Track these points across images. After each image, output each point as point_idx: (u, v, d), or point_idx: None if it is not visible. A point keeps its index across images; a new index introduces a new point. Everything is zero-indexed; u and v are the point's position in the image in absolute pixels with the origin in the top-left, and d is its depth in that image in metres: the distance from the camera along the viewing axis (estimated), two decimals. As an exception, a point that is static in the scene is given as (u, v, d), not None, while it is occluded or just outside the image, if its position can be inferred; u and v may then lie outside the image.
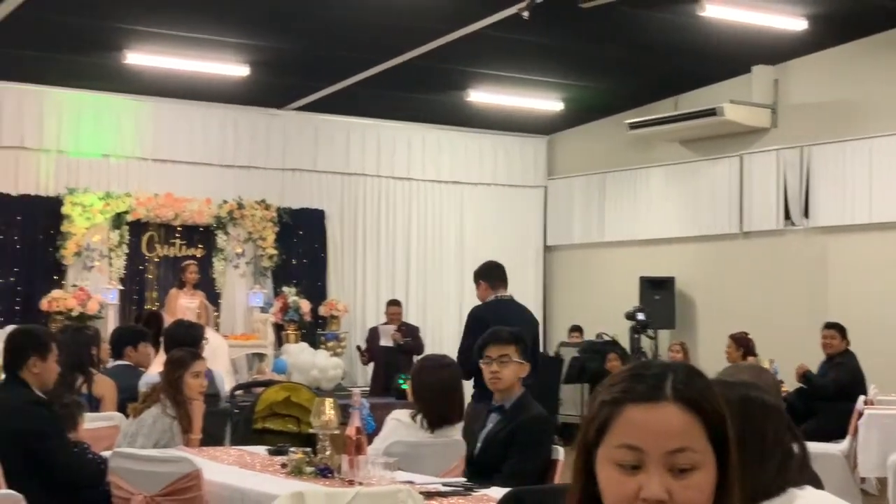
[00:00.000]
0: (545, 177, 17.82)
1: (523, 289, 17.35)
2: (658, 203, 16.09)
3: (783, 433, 2.53)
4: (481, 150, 17.32)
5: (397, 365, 13.53)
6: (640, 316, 14.01)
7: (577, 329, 16.18)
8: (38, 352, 5.83)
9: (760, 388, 2.59)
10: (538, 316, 17.21)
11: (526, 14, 11.24)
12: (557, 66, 14.01)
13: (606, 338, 15.16)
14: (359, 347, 14.91)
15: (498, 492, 4.57)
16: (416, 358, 13.56)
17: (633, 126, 15.33)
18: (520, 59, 13.67)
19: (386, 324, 14.43)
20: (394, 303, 14.63)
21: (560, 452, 5.48)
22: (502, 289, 9.11)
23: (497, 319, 8.18)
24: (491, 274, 9.25)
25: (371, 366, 14.52)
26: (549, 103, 15.60)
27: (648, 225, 16.20)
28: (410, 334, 14.28)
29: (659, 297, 15.12)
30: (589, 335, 15.82)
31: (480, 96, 15.08)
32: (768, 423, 2.49)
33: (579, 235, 17.31)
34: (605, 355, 14.09)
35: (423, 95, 15.26)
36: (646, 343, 14.32)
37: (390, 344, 14.02)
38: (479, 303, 9.28)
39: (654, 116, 15.23)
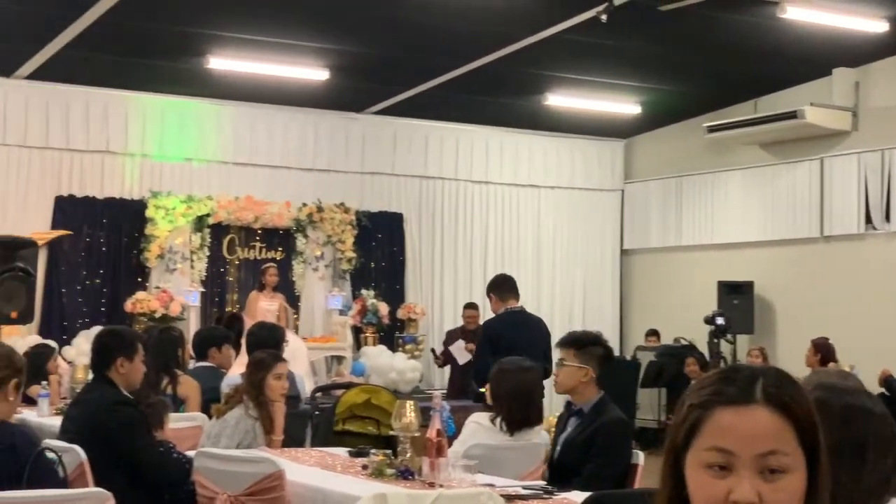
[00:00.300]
0: (622, 180, 17.76)
1: (600, 292, 17.38)
2: (736, 207, 15.97)
3: (889, 443, 2.44)
4: (559, 153, 17.31)
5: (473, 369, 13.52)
6: (720, 320, 13.92)
7: (653, 333, 16.13)
8: (124, 352, 5.93)
9: (867, 396, 2.52)
10: (615, 319, 17.32)
11: (604, 17, 11.23)
12: (635, 70, 13.97)
13: (684, 342, 15.11)
14: (433, 351, 14.94)
15: (578, 496, 4.59)
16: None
17: (712, 129, 15.23)
18: (598, 63, 13.64)
19: (460, 330, 14.34)
20: (470, 306, 14.62)
21: (640, 457, 5.46)
22: (513, 300, 9.23)
23: (509, 331, 8.74)
24: (500, 287, 9.39)
25: (448, 369, 14.54)
26: (627, 107, 15.56)
27: (727, 229, 16.09)
28: None
29: (738, 301, 15.01)
30: (666, 339, 15.78)
31: (558, 100, 15.07)
32: (870, 432, 2.42)
33: (656, 239, 17.23)
34: (683, 359, 14.04)
35: (502, 99, 15.28)
36: (725, 348, 14.23)
37: (468, 358, 13.89)
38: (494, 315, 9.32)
39: (732, 119, 15.12)
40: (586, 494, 4.23)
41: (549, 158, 17.21)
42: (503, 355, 8.33)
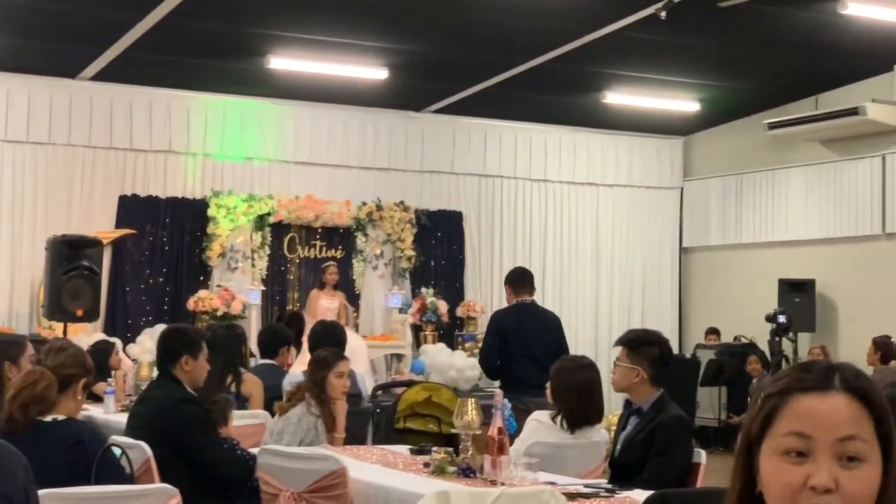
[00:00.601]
0: (681, 178, 17.69)
1: (659, 291, 17.33)
2: (797, 204, 15.86)
3: None
4: (617, 151, 17.27)
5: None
6: (781, 318, 13.82)
7: (713, 331, 16.04)
8: (189, 350, 6.01)
9: None
10: (674, 317, 17.26)
11: (663, 14, 11.20)
12: (694, 67, 13.91)
13: (744, 340, 15.02)
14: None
15: (640, 494, 4.59)
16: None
17: (772, 126, 15.14)
18: (656, 60, 13.60)
19: None
20: None
21: (702, 455, 5.44)
22: (526, 294, 9.21)
23: (515, 322, 8.95)
24: (516, 280, 9.37)
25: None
26: (686, 104, 15.50)
27: (787, 226, 15.98)
28: None
29: (799, 299, 14.89)
30: (726, 338, 15.69)
31: (617, 98, 15.04)
32: None
33: (716, 237, 17.15)
34: (743, 358, 13.96)
35: (560, 97, 15.27)
36: (786, 346, 14.13)
37: None
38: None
39: (793, 116, 15.02)
40: (648, 493, 4.23)
41: (607, 156, 17.18)
42: (510, 346, 8.74)
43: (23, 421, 4.53)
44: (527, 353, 8.65)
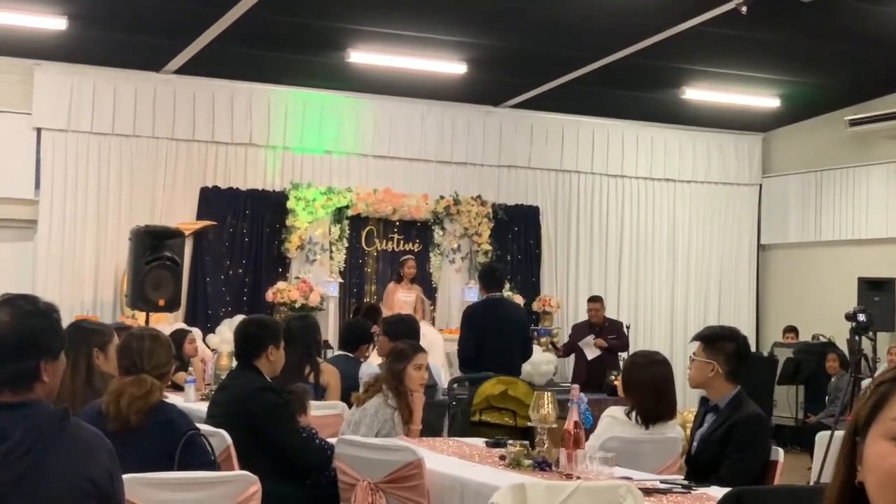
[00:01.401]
0: (760, 175, 17.55)
1: (736, 288, 17.21)
2: (878, 202, 15.68)
3: None
4: (695, 147, 17.18)
5: (602, 363, 13.56)
6: (862, 317, 13.62)
7: (791, 329, 15.90)
8: (274, 341, 6.09)
9: None
10: (751, 315, 17.14)
11: (744, 9, 11.12)
12: (775, 62, 13.80)
13: (822, 339, 14.86)
14: (553, 345, 14.90)
15: (717, 491, 4.59)
16: (622, 355, 13.58)
17: (853, 123, 14.97)
18: (736, 56, 13.51)
19: (586, 324, 14.35)
20: (594, 299, 14.55)
21: (780, 454, 5.42)
22: (495, 290, 10.36)
23: (486, 315, 9.95)
24: (485, 278, 10.64)
25: (572, 361, 14.56)
26: (766, 100, 15.38)
27: (868, 224, 15.80)
28: (615, 332, 14.18)
29: (878, 297, 14.71)
30: (804, 336, 15.54)
31: (696, 93, 14.96)
32: None
33: (795, 234, 17.00)
34: (822, 356, 13.81)
35: (639, 93, 15.23)
36: (865, 345, 13.96)
37: (597, 353, 13.94)
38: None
39: (875, 113, 14.84)
40: (725, 490, 4.23)
41: (685, 152, 17.10)
42: (483, 336, 9.57)
43: (135, 421, 4.64)
44: (496, 342, 9.34)
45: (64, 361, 3.33)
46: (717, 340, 5.54)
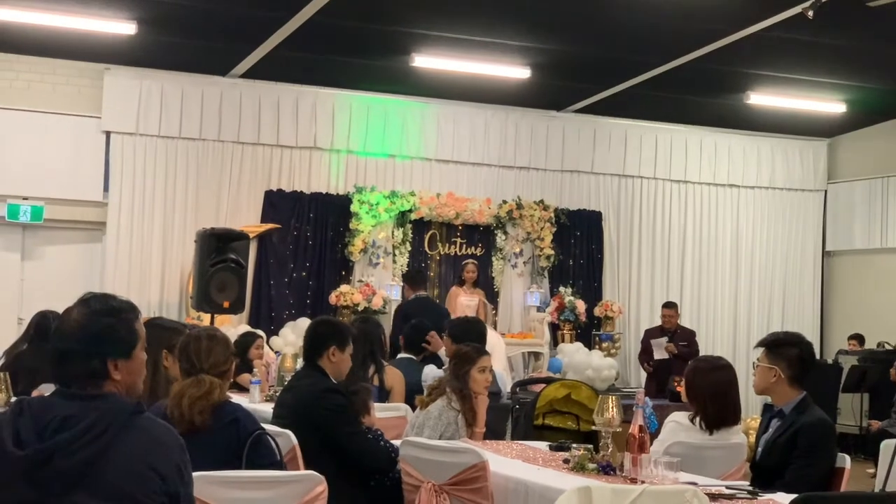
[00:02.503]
0: (825, 180, 17.41)
1: (800, 294, 17.08)
2: (946, 208, 15.52)
3: None
4: (759, 152, 17.07)
5: (670, 368, 13.53)
6: (927, 325, 13.54)
7: (856, 337, 15.75)
8: (337, 342, 6.12)
9: None
10: (816, 322, 16.99)
11: (811, 13, 11.02)
12: (841, 67, 13.68)
13: (888, 346, 14.73)
14: (640, 359, 14.88)
15: (783, 497, 4.57)
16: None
17: (921, 129, 14.82)
18: (802, 60, 13.41)
19: (658, 329, 14.35)
20: (669, 305, 14.56)
21: (846, 460, 5.38)
22: (421, 289, 12.68)
23: (415, 312, 10.99)
24: (411, 279, 12.96)
25: (634, 366, 14.55)
26: (831, 105, 15.25)
27: (936, 231, 15.65)
28: (686, 339, 14.15)
29: (945, 306, 14.56)
30: (869, 343, 15.40)
31: (760, 98, 14.87)
32: None
33: (860, 241, 16.84)
34: (887, 364, 13.68)
35: (702, 98, 15.15)
36: (931, 353, 13.82)
37: (665, 356, 13.94)
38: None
39: (943, 119, 14.69)
40: (791, 496, 4.21)
41: (749, 158, 16.99)
42: None
43: (200, 422, 4.67)
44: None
45: (141, 360, 3.37)
46: (780, 346, 5.53)
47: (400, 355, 9.18)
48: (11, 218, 13.31)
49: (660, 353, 13.91)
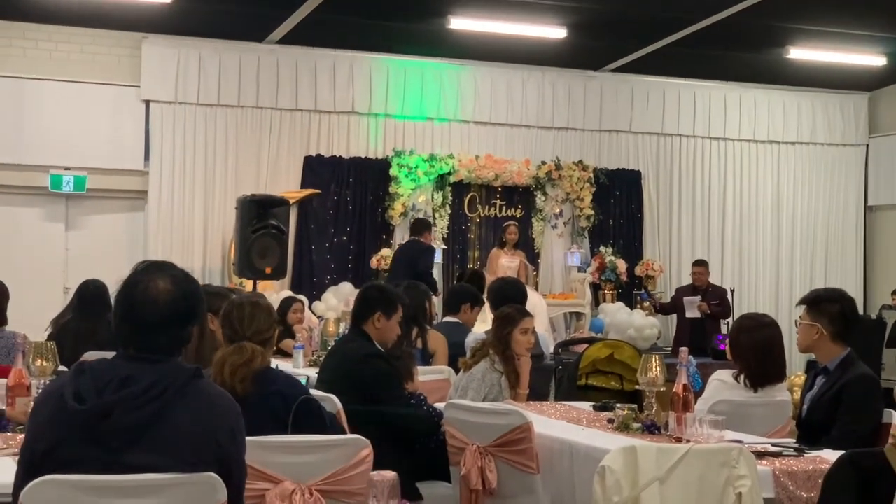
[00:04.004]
0: (866, 134, 17.25)
1: (842, 250, 16.98)
2: None
3: None
4: (799, 108, 16.94)
5: (704, 327, 13.52)
6: (971, 278, 13.42)
7: (900, 292, 15.64)
8: (384, 308, 6.11)
9: None
10: (859, 278, 16.89)
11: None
12: (881, 19, 13.50)
13: (933, 300, 14.63)
14: (651, 301, 14.85)
15: (831, 454, 4.57)
16: (724, 321, 13.53)
17: (964, 80, 14.64)
18: (842, 13, 13.26)
19: (690, 288, 14.29)
20: (699, 263, 14.46)
21: (893, 416, 5.35)
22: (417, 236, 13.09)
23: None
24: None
25: (673, 323, 14.52)
26: (872, 58, 15.08)
27: (980, 183, 15.49)
28: (717, 297, 14.06)
29: None
30: (913, 298, 15.30)
31: (800, 53, 14.72)
32: None
33: (904, 195, 16.71)
34: (932, 318, 13.58)
35: (741, 53, 15.02)
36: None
37: (697, 315, 13.87)
38: None
39: None
40: (838, 453, 4.21)
41: (789, 113, 16.86)
42: None
43: (241, 390, 4.67)
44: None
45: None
46: (821, 302, 5.51)
47: (443, 319, 9.20)
48: (55, 188, 13.41)
49: (692, 312, 13.85)
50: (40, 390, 4.77)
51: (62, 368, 5.19)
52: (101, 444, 3.13)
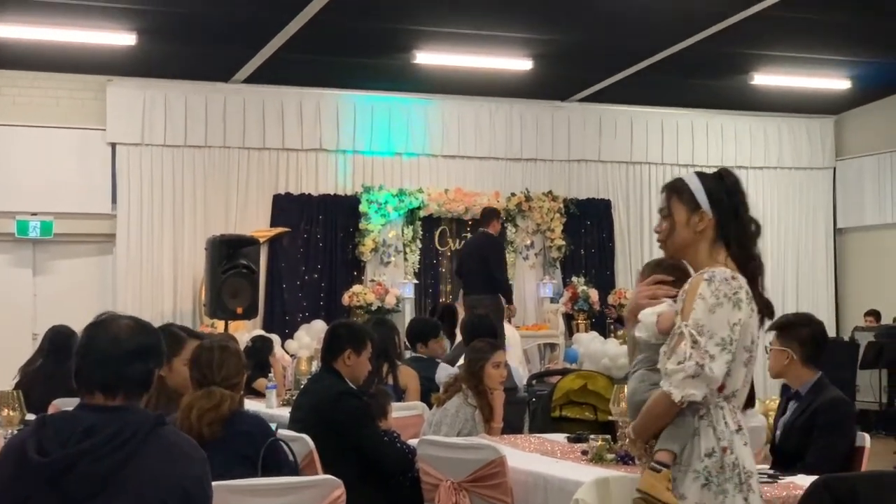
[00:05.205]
0: (833, 158, 17.35)
1: (813, 273, 17.04)
2: (957, 180, 15.45)
3: None
4: (766, 133, 17.03)
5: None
6: (941, 298, 13.49)
7: (872, 313, 15.71)
8: (353, 345, 6.11)
9: None
10: (831, 300, 16.93)
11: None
12: (844, 43, 13.60)
13: (904, 321, 14.69)
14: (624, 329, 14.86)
15: (805, 480, 4.54)
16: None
17: (928, 101, 14.75)
18: (805, 38, 13.34)
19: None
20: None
21: (865, 439, 5.35)
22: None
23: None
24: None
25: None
26: (836, 82, 15.18)
27: (947, 204, 15.59)
28: None
29: (960, 278, 14.50)
30: (886, 319, 15.35)
31: (765, 78, 14.81)
32: None
33: (871, 217, 16.79)
34: (904, 340, 13.64)
35: (705, 81, 15.10)
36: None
37: None
38: None
39: (949, 90, 14.62)
40: (812, 478, 4.20)
41: (756, 139, 16.95)
42: None
43: (209, 434, 4.64)
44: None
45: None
46: (790, 327, 5.54)
47: (411, 354, 9.16)
48: (21, 234, 13.33)
49: None
50: (6, 440, 4.70)
51: (30, 417, 5.14)
52: (66, 495, 3.10)
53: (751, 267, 3.65)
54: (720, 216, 3.66)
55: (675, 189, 3.75)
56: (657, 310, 3.72)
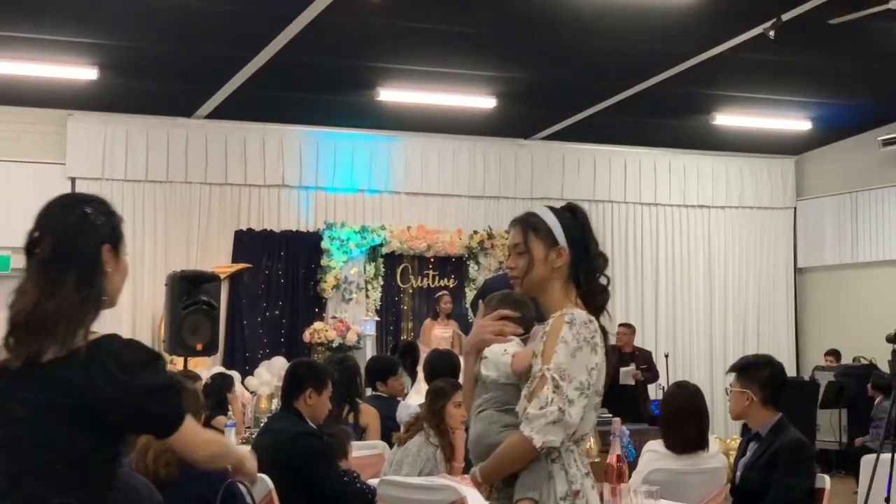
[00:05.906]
0: (794, 198, 17.48)
1: (774, 312, 17.12)
2: (915, 221, 15.56)
3: None
4: (728, 172, 17.13)
5: (636, 392, 13.54)
6: (903, 338, 13.50)
7: (833, 353, 15.75)
8: (314, 385, 6.07)
9: None
10: (791, 339, 17.04)
11: (772, 33, 11.09)
12: (805, 85, 13.74)
13: (864, 361, 14.73)
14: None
15: (763, 521, 4.54)
16: (653, 385, 13.61)
17: (887, 143, 14.92)
18: (765, 80, 13.46)
19: (618, 353, 14.24)
20: (624, 325, 14.45)
21: (825, 481, 5.36)
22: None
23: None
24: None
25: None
26: (797, 123, 15.32)
27: (906, 244, 15.69)
28: (644, 360, 14.08)
29: (919, 318, 14.56)
30: (845, 359, 15.41)
31: (726, 119, 14.92)
32: None
33: (832, 257, 16.89)
34: (864, 379, 13.67)
35: (668, 120, 15.19)
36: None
37: (631, 383, 13.85)
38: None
39: (908, 132, 14.77)
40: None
41: (717, 178, 17.06)
42: None
43: (165, 475, 4.59)
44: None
45: None
46: (750, 369, 5.55)
47: (371, 393, 9.10)
48: (-22, 269, 13.19)
49: (626, 380, 13.82)
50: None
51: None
52: None
53: (599, 300, 3.64)
54: (574, 253, 3.60)
55: (531, 225, 3.70)
56: (509, 349, 3.67)
